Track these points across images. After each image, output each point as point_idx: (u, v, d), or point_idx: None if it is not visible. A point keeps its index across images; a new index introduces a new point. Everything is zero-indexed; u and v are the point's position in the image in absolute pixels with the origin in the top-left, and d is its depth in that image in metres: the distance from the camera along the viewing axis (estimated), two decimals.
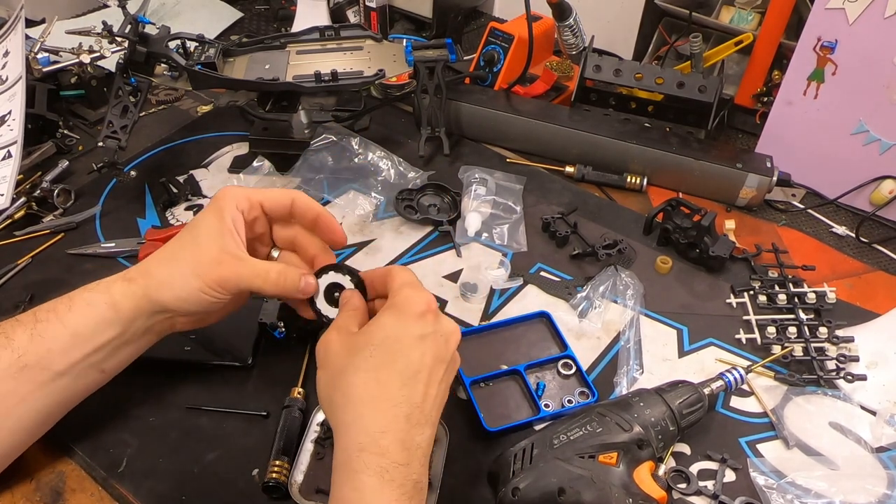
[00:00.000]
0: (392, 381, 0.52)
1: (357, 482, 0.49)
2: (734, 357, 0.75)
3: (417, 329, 0.55)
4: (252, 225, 0.62)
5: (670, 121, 1.02)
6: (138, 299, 0.59)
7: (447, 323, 0.57)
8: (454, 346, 0.57)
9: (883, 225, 0.93)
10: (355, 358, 0.54)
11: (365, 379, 0.53)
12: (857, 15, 0.84)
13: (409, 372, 0.53)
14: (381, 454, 0.50)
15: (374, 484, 0.49)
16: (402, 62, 0.95)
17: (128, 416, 0.67)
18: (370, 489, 0.49)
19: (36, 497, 0.61)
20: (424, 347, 0.54)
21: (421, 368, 0.54)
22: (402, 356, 0.53)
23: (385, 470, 0.49)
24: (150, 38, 0.87)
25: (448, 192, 0.92)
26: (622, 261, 0.85)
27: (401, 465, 0.50)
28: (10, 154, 0.88)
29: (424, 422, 0.53)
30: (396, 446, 0.50)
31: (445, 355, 0.56)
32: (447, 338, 0.57)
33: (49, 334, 0.57)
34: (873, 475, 0.64)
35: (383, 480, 0.49)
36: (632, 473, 0.58)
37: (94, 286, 0.60)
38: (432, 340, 0.55)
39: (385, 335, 0.54)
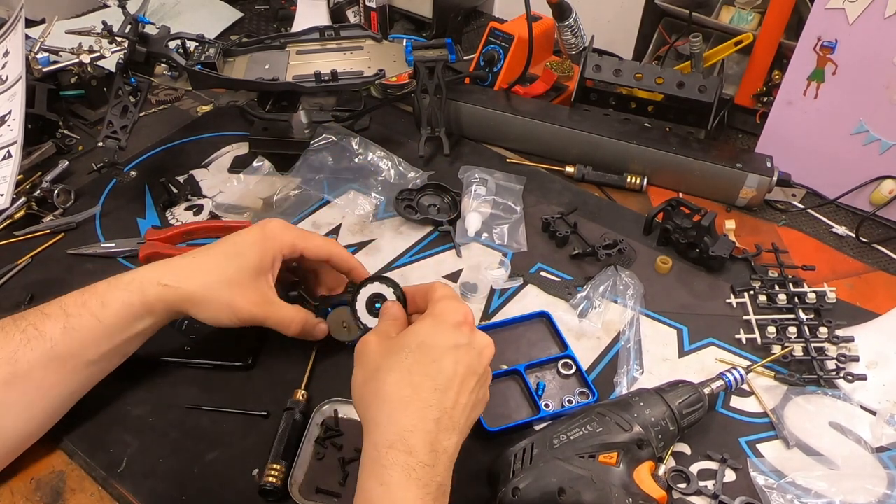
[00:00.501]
0: (424, 385, 0.54)
1: (384, 477, 0.50)
2: (734, 357, 0.75)
3: (452, 338, 0.57)
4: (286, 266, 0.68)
5: (670, 121, 1.02)
6: (170, 304, 0.63)
7: (482, 337, 0.59)
8: (487, 360, 0.59)
9: (883, 225, 0.93)
10: (390, 359, 0.56)
11: (398, 379, 0.54)
12: (857, 15, 0.84)
13: (441, 378, 0.54)
14: (409, 452, 0.51)
15: (401, 480, 0.50)
16: (402, 62, 0.95)
17: (128, 416, 0.67)
18: (396, 485, 0.50)
19: (36, 497, 0.61)
20: (458, 356, 0.56)
21: (453, 376, 0.55)
22: (435, 362, 0.55)
23: (412, 468, 0.50)
24: (150, 38, 0.87)
25: (448, 192, 0.92)
26: (622, 261, 0.85)
27: (427, 466, 0.51)
28: (10, 154, 0.88)
29: (452, 428, 0.54)
30: (424, 447, 0.51)
31: (478, 368, 0.57)
32: (480, 351, 0.58)
33: (83, 328, 0.60)
34: (873, 475, 0.64)
35: (409, 478, 0.50)
36: (632, 473, 0.58)
37: (126, 285, 0.63)
38: (466, 351, 0.56)
39: (421, 340, 0.56)
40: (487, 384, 0.60)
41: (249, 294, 0.63)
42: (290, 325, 0.66)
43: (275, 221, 0.67)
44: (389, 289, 0.65)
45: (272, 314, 0.65)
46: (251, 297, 0.63)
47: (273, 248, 0.65)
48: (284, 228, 0.67)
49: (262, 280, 0.64)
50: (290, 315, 0.66)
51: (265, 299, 0.64)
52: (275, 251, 0.65)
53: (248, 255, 0.64)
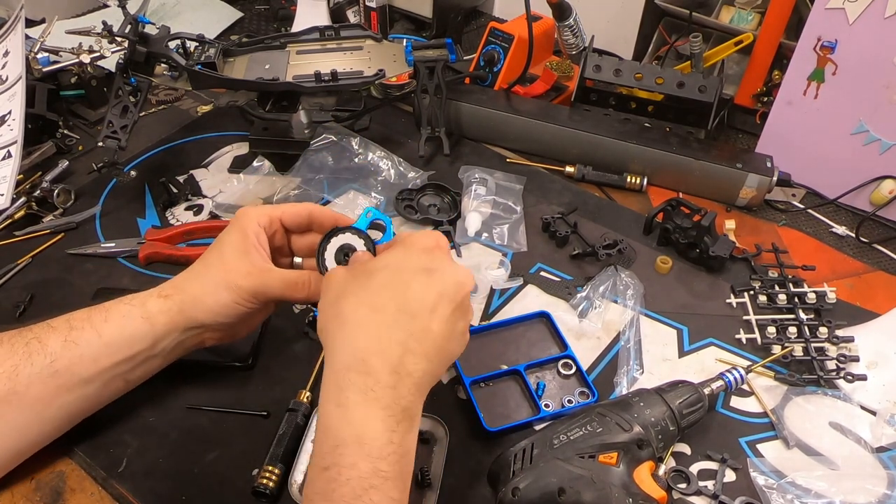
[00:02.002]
0: (388, 307, 0.52)
1: (341, 399, 0.50)
2: (734, 357, 0.75)
3: (422, 261, 0.54)
4: (272, 238, 0.65)
5: (670, 121, 1.02)
6: (173, 315, 0.61)
7: (458, 268, 0.56)
8: (465, 291, 0.56)
9: (883, 225, 0.93)
10: (354, 284, 0.55)
11: (360, 301, 0.53)
12: (857, 15, 0.84)
13: (406, 300, 0.52)
14: (367, 373, 0.50)
15: (358, 400, 0.49)
16: (402, 62, 0.95)
17: (128, 416, 0.67)
18: (353, 405, 0.49)
19: (36, 497, 0.61)
20: (429, 281, 0.53)
21: (422, 300, 0.53)
22: (401, 284, 0.53)
23: (370, 388, 0.49)
24: (150, 38, 0.87)
25: (448, 192, 0.92)
26: (622, 261, 0.85)
27: (388, 387, 0.50)
28: (10, 154, 0.88)
29: (421, 354, 0.52)
30: (384, 368, 0.50)
31: (454, 296, 0.54)
32: (457, 280, 0.55)
33: (83, 341, 0.59)
34: (873, 475, 0.64)
35: (367, 398, 0.49)
36: (632, 473, 0.58)
37: (130, 299, 0.62)
38: (438, 277, 0.54)
39: (387, 263, 0.55)
40: (467, 318, 0.57)
41: (240, 266, 0.61)
42: (295, 287, 0.62)
43: (246, 207, 0.65)
44: (361, 240, 0.62)
45: (270, 279, 0.62)
46: (242, 268, 0.61)
47: (249, 225, 0.63)
48: (255, 207, 0.65)
49: (250, 253, 0.62)
50: (291, 277, 0.62)
51: (258, 268, 0.62)
52: (252, 226, 0.63)
53: (226, 243, 0.63)
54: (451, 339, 0.55)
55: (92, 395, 0.61)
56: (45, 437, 0.61)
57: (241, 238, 0.62)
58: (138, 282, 0.80)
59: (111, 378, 0.61)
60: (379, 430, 0.49)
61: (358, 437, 0.48)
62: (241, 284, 0.61)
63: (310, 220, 0.66)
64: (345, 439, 0.49)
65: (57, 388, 0.58)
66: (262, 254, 0.63)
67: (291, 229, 0.67)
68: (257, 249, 0.62)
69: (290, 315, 0.77)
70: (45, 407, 0.59)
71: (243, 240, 0.62)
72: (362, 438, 0.48)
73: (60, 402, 0.59)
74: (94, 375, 0.60)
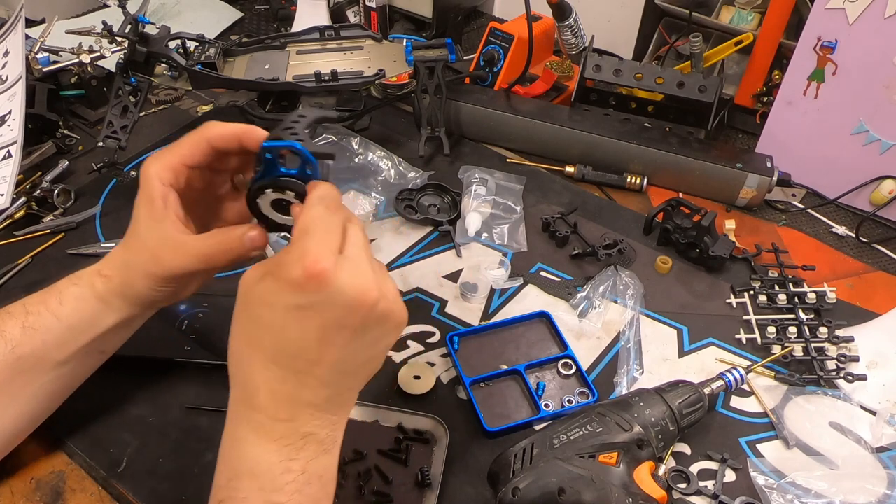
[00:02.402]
0: (266, 347, 0.47)
1: (235, 431, 0.48)
2: (734, 357, 0.75)
3: (293, 299, 0.45)
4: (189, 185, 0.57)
5: (670, 121, 1.02)
6: (119, 293, 0.58)
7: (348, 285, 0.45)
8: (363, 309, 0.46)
9: (883, 225, 0.93)
10: (239, 314, 0.49)
11: (241, 336, 0.48)
12: (857, 15, 0.84)
13: (284, 342, 0.46)
14: (256, 408, 0.47)
15: (249, 435, 0.47)
16: (402, 62, 0.95)
17: (128, 416, 0.67)
18: (244, 438, 0.47)
19: (36, 497, 0.61)
20: (304, 319, 0.45)
21: (303, 340, 0.46)
22: (276, 325, 0.46)
23: (260, 424, 0.47)
24: (150, 38, 0.87)
25: (448, 192, 0.92)
26: (622, 261, 0.85)
27: (281, 421, 0.47)
28: (10, 154, 0.88)
29: (317, 385, 0.47)
30: (273, 404, 0.47)
31: (345, 320, 0.46)
32: (346, 304, 0.45)
33: (42, 327, 0.57)
34: (873, 475, 0.64)
35: (258, 433, 0.47)
36: (632, 473, 0.58)
37: (78, 279, 0.59)
38: (317, 311, 0.45)
39: (260, 296, 0.47)
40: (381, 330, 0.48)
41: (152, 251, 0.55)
42: (208, 260, 0.55)
43: (147, 160, 0.56)
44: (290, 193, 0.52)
45: (181, 259, 0.55)
46: (153, 254, 0.55)
47: (154, 191, 0.55)
48: (152, 159, 0.56)
49: (160, 230, 0.55)
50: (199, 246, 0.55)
51: (169, 247, 0.55)
52: (158, 189, 0.55)
53: (137, 216, 0.56)
54: (360, 360, 0.49)
55: (69, 374, 0.60)
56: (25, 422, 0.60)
57: (147, 209, 0.55)
58: None
59: (84, 355, 0.60)
60: (273, 462, 0.46)
61: (250, 470, 0.46)
62: (155, 271, 0.56)
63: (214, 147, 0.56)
64: (238, 472, 0.47)
65: (28, 374, 0.57)
66: (173, 224, 0.55)
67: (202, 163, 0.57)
68: (167, 220, 0.55)
69: None
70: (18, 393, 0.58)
71: (149, 210, 0.55)
72: (255, 471, 0.46)
73: (36, 386, 0.58)
74: (67, 358, 0.58)
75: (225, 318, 0.49)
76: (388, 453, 0.64)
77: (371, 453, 0.64)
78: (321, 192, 0.50)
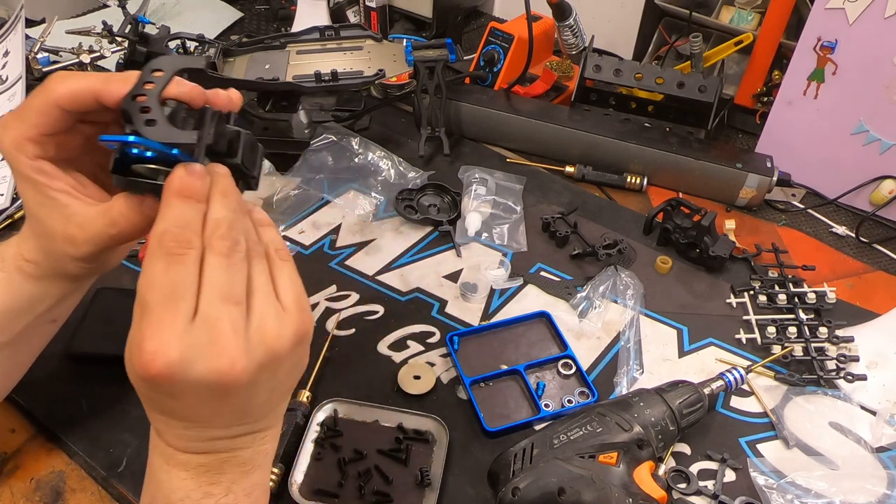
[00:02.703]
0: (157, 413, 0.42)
1: (150, 459, 0.44)
2: (734, 357, 0.75)
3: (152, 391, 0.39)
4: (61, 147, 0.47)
5: (670, 121, 1.02)
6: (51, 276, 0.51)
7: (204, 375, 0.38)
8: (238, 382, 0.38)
9: (883, 225, 0.93)
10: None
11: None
12: (857, 15, 0.84)
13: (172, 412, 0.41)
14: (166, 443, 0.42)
15: (162, 464, 0.43)
16: (402, 62, 0.95)
17: (128, 416, 0.67)
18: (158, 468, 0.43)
19: (36, 497, 0.61)
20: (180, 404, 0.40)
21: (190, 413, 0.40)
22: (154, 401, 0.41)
23: (172, 455, 0.42)
24: (150, 38, 0.87)
25: (448, 192, 0.92)
26: (622, 261, 0.85)
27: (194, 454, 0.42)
28: None
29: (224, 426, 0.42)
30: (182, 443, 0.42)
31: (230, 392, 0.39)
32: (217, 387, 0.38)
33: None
34: (873, 475, 0.64)
35: (169, 463, 0.42)
36: (632, 473, 0.58)
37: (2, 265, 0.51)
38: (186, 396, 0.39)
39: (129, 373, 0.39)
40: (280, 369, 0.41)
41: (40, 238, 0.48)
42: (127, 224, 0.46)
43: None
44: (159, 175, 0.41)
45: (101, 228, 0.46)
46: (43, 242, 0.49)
47: (20, 166, 0.46)
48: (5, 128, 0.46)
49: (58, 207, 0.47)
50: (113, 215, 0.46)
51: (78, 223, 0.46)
52: (24, 165, 0.46)
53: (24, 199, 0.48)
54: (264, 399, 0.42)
55: (19, 351, 0.56)
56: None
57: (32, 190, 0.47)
58: None
59: (31, 331, 0.54)
60: (190, 488, 0.42)
61: (167, 497, 0.42)
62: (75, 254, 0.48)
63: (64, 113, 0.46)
64: (156, 499, 0.43)
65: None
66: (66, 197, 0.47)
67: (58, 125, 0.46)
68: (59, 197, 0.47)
69: None
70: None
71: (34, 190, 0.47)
72: (171, 499, 0.42)
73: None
74: (11, 339, 0.53)
75: None
76: (388, 453, 0.64)
77: (371, 453, 0.64)
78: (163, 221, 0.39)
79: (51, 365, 0.69)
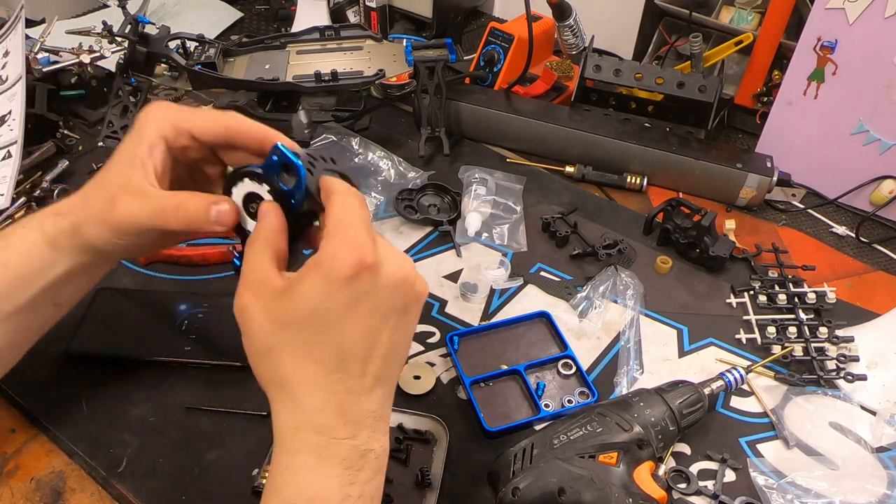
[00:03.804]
0: (328, 360, 0.45)
1: (291, 462, 0.45)
2: (734, 357, 0.75)
3: (348, 295, 0.45)
4: (183, 152, 0.54)
5: (670, 121, 1.02)
6: (69, 234, 0.54)
7: (392, 269, 0.46)
8: (396, 287, 0.46)
9: (883, 225, 0.93)
10: (283, 334, 0.46)
11: (296, 360, 0.46)
12: (857, 15, 0.84)
13: (346, 346, 0.45)
14: (319, 432, 0.45)
15: (311, 462, 0.45)
16: (402, 62, 0.95)
17: (128, 416, 0.67)
18: (305, 467, 0.45)
19: (36, 497, 0.61)
20: (361, 312, 0.45)
21: (361, 338, 0.46)
22: (336, 331, 0.45)
23: (323, 447, 0.45)
24: (150, 38, 0.87)
25: (448, 192, 0.92)
26: (622, 261, 0.85)
27: (343, 440, 0.46)
28: (10, 154, 0.88)
29: (373, 385, 0.47)
30: (337, 421, 0.46)
31: (394, 304, 0.47)
32: (389, 285, 0.46)
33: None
34: (873, 475, 0.64)
35: (321, 458, 0.45)
36: (632, 473, 0.58)
37: (28, 221, 0.55)
38: (370, 299, 0.45)
39: (313, 307, 0.45)
40: (415, 307, 0.49)
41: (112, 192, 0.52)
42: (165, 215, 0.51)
43: (155, 103, 0.54)
44: (263, 186, 0.49)
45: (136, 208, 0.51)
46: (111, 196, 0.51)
47: (147, 133, 0.52)
48: (164, 108, 0.53)
49: (129, 173, 0.51)
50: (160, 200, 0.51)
51: (129, 193, 0.51)
52: (151, 135, 0.52)
53: (119, 151, 0.53)
54: (401, 345, 0.49)
55: (21, 326, 0.56)
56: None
57: (132, 147, 0.52)
58: (138, 282, 0.80)
59: (37, 306, 0.56)
60: (334, 489, 0.45)
61: (310, 501, 0.44)
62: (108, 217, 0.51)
63: (228, 137, 0.53)
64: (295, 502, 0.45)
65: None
66: (145, 170, 0.52)
67: (209, 143, 0.54)
68: (142, 166, 0.51)
69: None
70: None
71: (133, 149, 0.52)
72: (314, 501, 0.44)
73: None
74: (17, 309, 0.55)
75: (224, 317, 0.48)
76: None
77: None
78: (348, 187, 0.49)
79: (51, 365, 0.69)
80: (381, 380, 0.47)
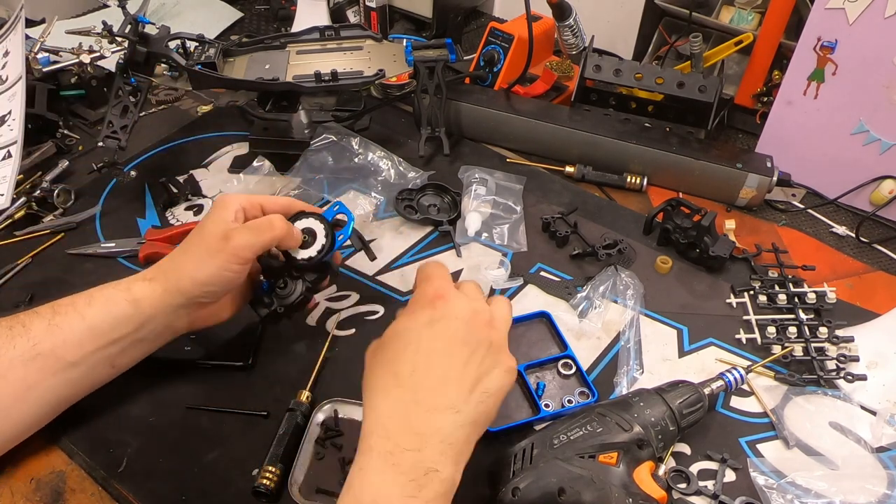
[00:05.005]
0: (403, 369, 0.53)
1: (363, 461, 0.50)
2: (734, 357, 0.75)
3: (424, 317, 0.56)
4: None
5: (670, 121, 1.02)
6: (158, 296, 0.62)
7: (464, 304, 0.57)
8: (483, 326, 0.56)
9: (883, 225, 0.93)
10: (379, 354, 0.56)
11: (381, 372, 0.55)
12: (857, 15, 0.84)
13: (419, 357, 0.54)
14: (387, 437, 0.50)
15: (377, 465, 0.49)
16: (402, 62, 0.95)
17: (128, 416, 0.67)
18: (372, 469, 0.50)
19: (36, 497, 0.61)
20: (433, 332, 0.55)
21: (430, 353, 0.54)
22: (411, 344, 0.54)
23: (389, 453, 0.49)
24: (150, 38, 0.87)
25: (448, 192, 0.92)
26: (622, 261, 0.85)
27: (408, 451, 0.50)
28: (10, 154, 0.88)
29: (446, 406, 0.52)
30: (403, 429, 0.51)
31: (468, 336, 0.55)
32: (467, 319, 0.56)
33: (66, 325, 0.59)
34: (873, 475, 0.64)
35: (387, 464, 0.49)
36: (632, 473, 0.58)
37: (115, 284, 0.63)
38: (444, 324, 0.55)
39: (396, 329, 0.56)
40: (499, 353, 0.57)
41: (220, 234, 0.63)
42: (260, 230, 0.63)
43: (227, 193, 0.68)
44: (323, 227, 0.68)
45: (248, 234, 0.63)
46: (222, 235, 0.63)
47: (230, 205, 0.64)
48: (235, 194, 0.67)
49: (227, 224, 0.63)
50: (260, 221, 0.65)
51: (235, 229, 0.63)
52: (234, 206, 0.64)
53: (207, 220, 0.64)
54: (484, 381, 0.54)
55: (77, 380, 0.61)
56: (30, 421, 0.61)
57: (221, 212, 0.64)
58: None
59: (97, 362, 0.61)
60: (394, 494, 0.48)
61: (373, 499, 0.49)
62: (222, 248, 0.62)
63: (287, 211, 0.69)
64: (361, 502, 0.49)
65: (39, 371, 0.59)
66: (239, 221, 0.65)
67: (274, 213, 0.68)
68: (237, 218, 0.64)
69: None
70: (28, 389, 0.59)
71: (222, 213, 0.64)
72: (377, 500, 0.48)
73: (45, 386, 0.60)
74: (79, 359, 0.60)
75: None
76: None
77: None
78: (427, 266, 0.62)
79: None
80: (455, 405, 0.52)
